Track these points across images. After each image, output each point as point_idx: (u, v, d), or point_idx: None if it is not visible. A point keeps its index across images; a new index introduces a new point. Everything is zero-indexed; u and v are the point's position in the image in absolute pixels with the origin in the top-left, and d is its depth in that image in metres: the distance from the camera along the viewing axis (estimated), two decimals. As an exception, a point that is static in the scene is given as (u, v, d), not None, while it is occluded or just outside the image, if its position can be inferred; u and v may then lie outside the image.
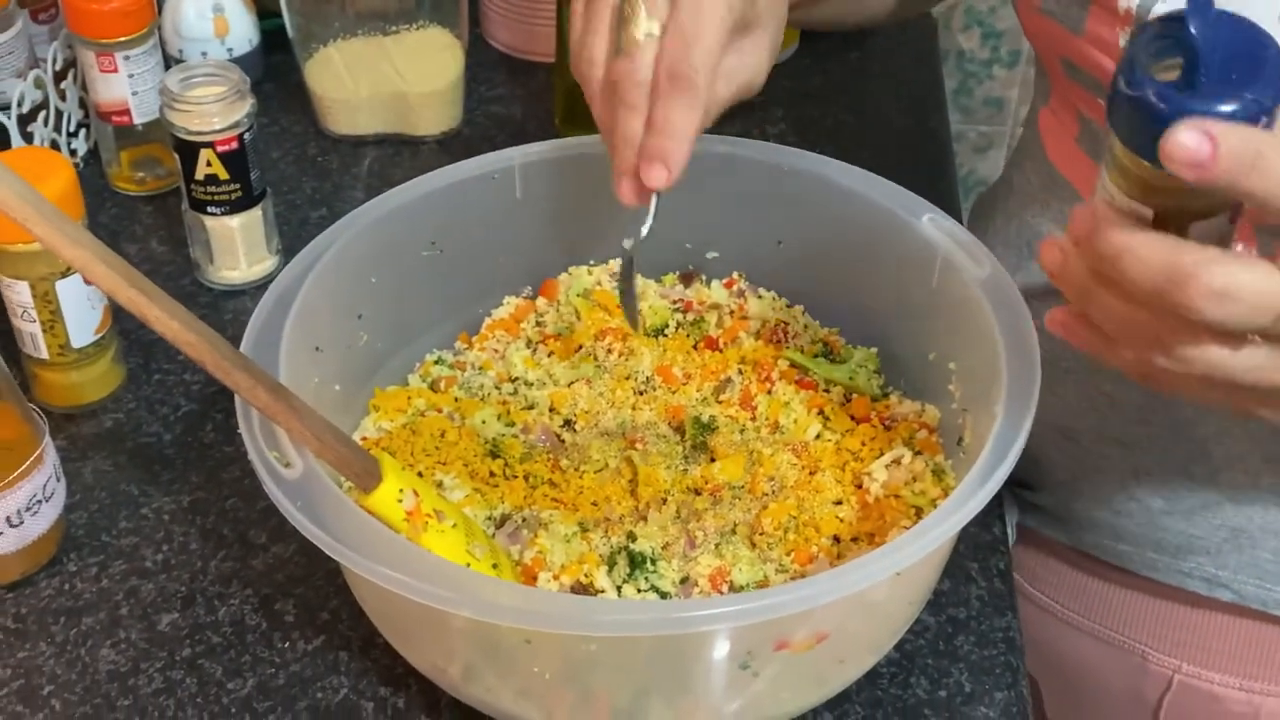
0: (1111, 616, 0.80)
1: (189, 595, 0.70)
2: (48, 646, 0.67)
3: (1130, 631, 0.79)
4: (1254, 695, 0.75)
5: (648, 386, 0.74)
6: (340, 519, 0.56)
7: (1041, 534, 0.83)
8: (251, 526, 0.73)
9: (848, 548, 0.66)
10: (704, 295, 0.79)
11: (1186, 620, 0.76)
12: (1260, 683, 0.74)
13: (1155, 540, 0.74)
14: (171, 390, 0.81)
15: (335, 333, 0.70)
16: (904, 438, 0.70)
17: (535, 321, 0.78)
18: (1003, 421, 0.59)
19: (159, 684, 0.66)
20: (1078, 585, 0.81)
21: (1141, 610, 0.78)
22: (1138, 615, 0.78)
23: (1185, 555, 0.73)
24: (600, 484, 0.68)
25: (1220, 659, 0.75)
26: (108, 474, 0.76)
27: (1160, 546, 0.74)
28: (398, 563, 0.53)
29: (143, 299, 0.52)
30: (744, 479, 0.69)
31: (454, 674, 0.61)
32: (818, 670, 0.61)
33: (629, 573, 0.63)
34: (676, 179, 0.56)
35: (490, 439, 0.70)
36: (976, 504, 0.56)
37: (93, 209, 0.91)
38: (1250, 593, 0.72)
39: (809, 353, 0.76)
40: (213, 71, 0.84)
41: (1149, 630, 0.78)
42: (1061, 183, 0.73)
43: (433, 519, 0.60)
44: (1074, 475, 0.77)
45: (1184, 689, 0.77)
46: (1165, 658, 0.77)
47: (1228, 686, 0.75)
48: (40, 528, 0.69)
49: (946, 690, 0.66)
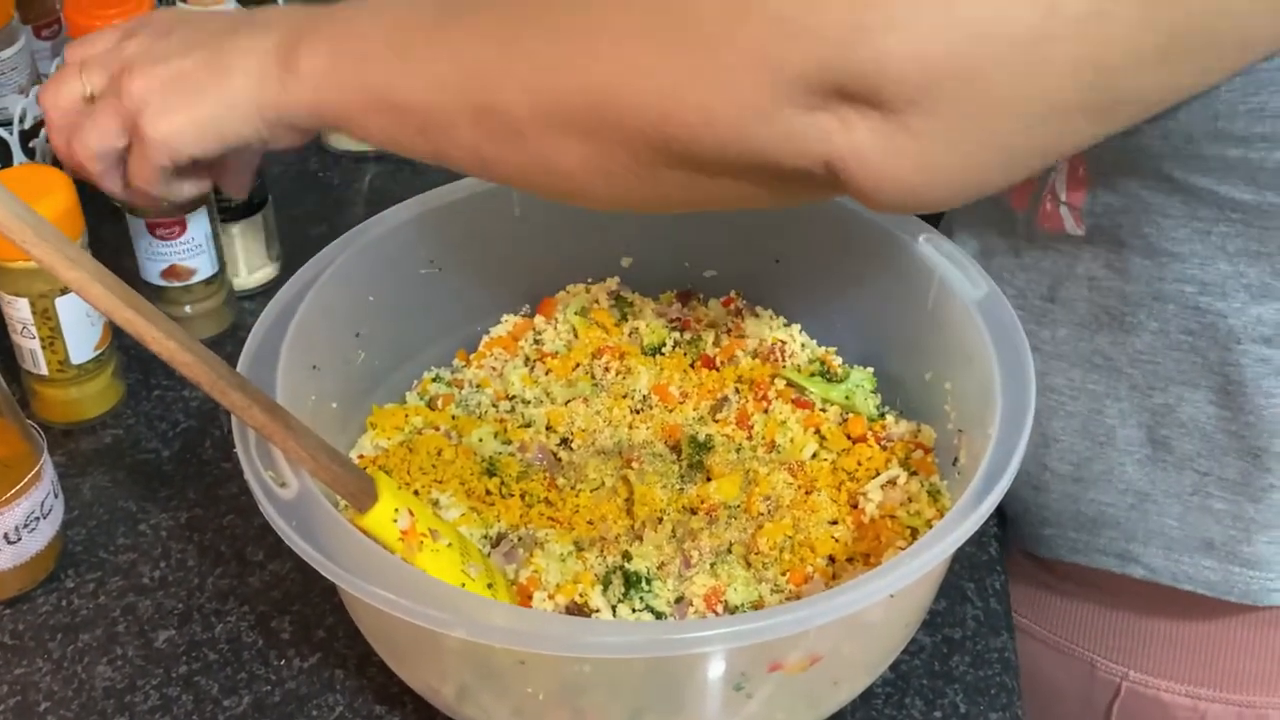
0: (1060, 624, 0.80)
1: (186, 612, 0.70)
2: (45, 663, 0.68)
3: (1078, 638, 0.79)
4: (1199, 701, 0.75)
5: (644, 405, 0.74)
6: (336, 539, 0.56)
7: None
8: (249, 544, 0.73)
9: (843, 568, 0.66)
10: (701, 314, 0.79)
11: (1132, 627, 0.76)
12: (1205, 689, 0.75)
13: (1073, 515, 0.74)
14: (170, 407, 0.81)
15: (333, 350, 0.70)
16: (900, 458, 0.70)
17: (533, 340, 0.78)
18: (997, 442, 0.59)
19: (155, 701, 0.66)
20: (1028, 595, 0.82)
21: (1088, 616, 0.78)
22: (1085, 621, 0.79)
23: (1098, 529, 0.73)
24: (596, 503, 0.68)
25: (1165, 665, 0.75)
26: (106, 490, 0.76)
27: (1078, 523, 0.74)
28: (392, 583, 0.53)
29: (139, 319, 0.52)
30: (740, 498, 0.69)
31: (448, 694, 0.61)
32: (812, 691, 0.61)
33: (624, 592, 0.63)
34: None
35: (487, 457, 0.71)
36: (971, 525, 0.56)
37: (94, 225, 0.91)
38: (1159, 565, 0.71)
39: (806, 372, 0.76)
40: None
41: (1096, 638, 0.78)
42: None
43: (428, 538, 0.60)
44: None
45: (1132, 695, 0.77)
46: (1112, 664, 0.78)
47: (1174, 693, 0.76)
48: (38, 544, 0.69)
49: (942, 711, 0.66)
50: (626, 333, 0.78)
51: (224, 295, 0.85)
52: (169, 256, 0.81)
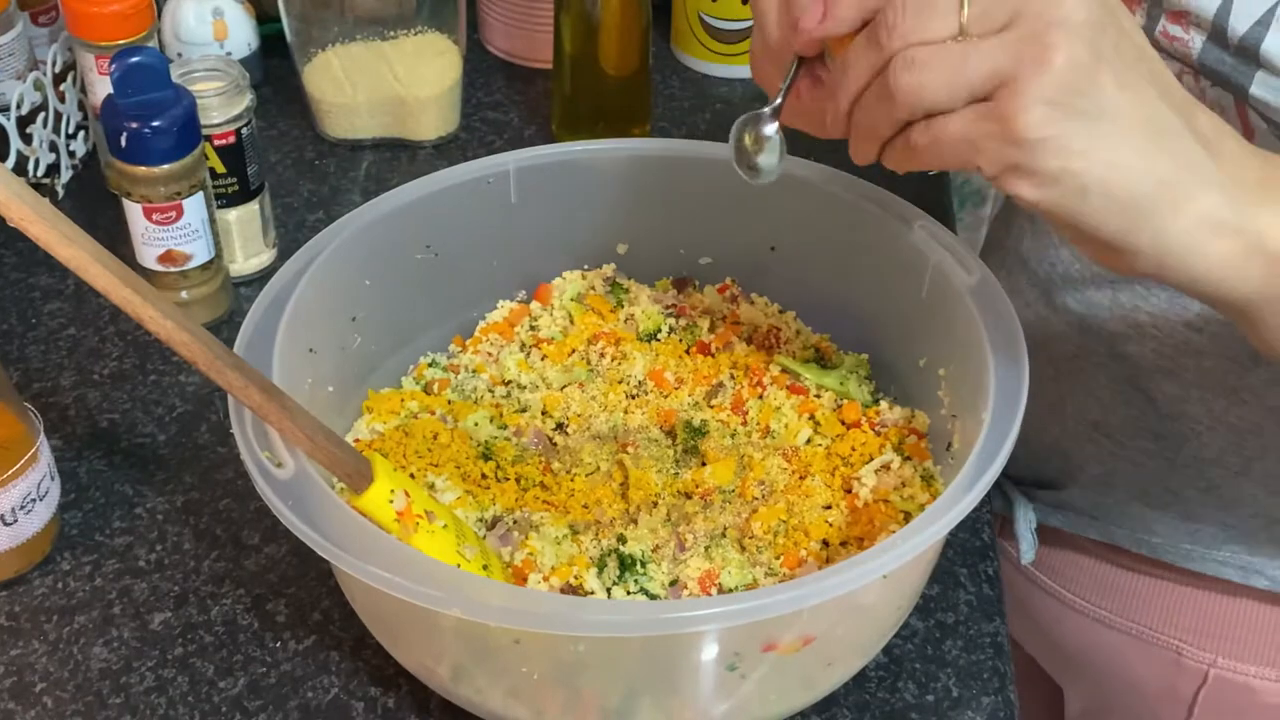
0: (1145, 612, 0.79)
1: (181, 594, 0.70)
2: (40, 644, 0.68)
3: (1164, 627, 0.78)
4: None
5: (640, 391, 0.74)
6: (331, 519, 0.56)
7: (1067, 533, 0.83)
8: (244, 527, 0.74)
9: (836, 552, 0.66)
10: (697, 300, 0.79)
11: (1221, 613, 0.76)
12: None
13: (1190, 531, 0.74)
14: (166, 391, 0.82)
15: (329, 334, 0.70)
16: (893, 443, 0.71)
17: (529, 325, 0.78)
18: (990, 427, 0.59)
19: (151, 682, 0.66)
20: (1108, 581, 0.81)
21: (1176, 604, 0.78)
22: (1172, 609, 0.78)
23: (1220, 544, 0.73)
24: (591, 487, 0.69)
25: (1256, 651, 0.75)
26: (102, 473, 0.77)
27: (1195, 536, 0.74)
28: (388, 563, 0.54)
29: (137, 299, 0.52)
30: (734, 483, 0.69)
31: (444, 674, 0.61)
32: (805, 672, 0.61)
33: (619, 575, 0.64)
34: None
35: (482, 441, 0.71)
36: (964, 507, 0.56)
37: (90, 211, 0.92)
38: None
39: (801, 358, 0.76)
40: (212, 66, 0.85)
41: (1183, 624, 0.77)
42: None
43: (424, 520, 0.60)
44: (1108, 470, 0.77)
45: (1219, 682, 0.77)
46: (1200, 652, 0.77)
47: (1264, 679, 0.75)
48: (34, 526, 0.70)
49: (934, 695, 0.66)
50: (622, 319, 0.78)
51: (220, 281, 0.86)
52: (165, 241, 0.82)
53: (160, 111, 0.78)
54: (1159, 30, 0.61)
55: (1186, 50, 0.60)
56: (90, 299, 0.87)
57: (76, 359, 0.84)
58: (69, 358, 0.84)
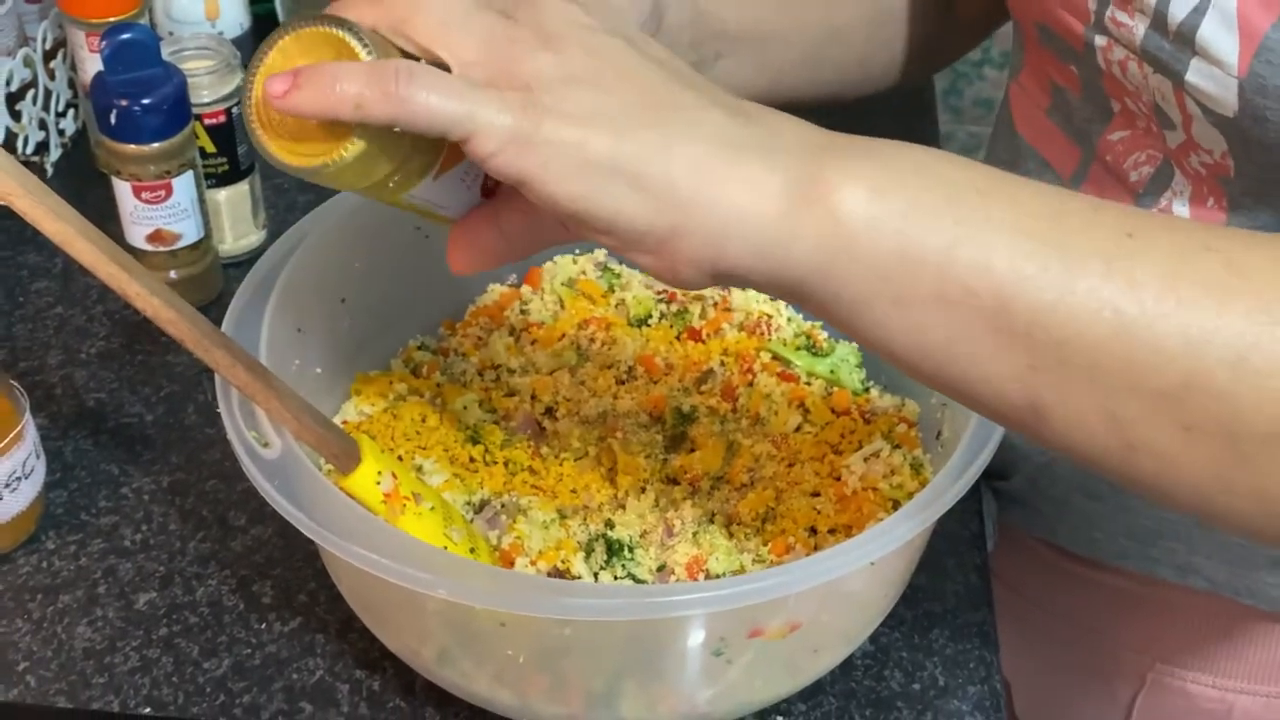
0: (1087, 615, 0.80)
1: (167, 575, 0.70)
2: (24, 623, 0.67)
3: (1105, 630, 0.79)
4: (1226, 693, 0.75)
5: (629, 376, 0.74)
6: (318, 500, 0.56)
7: (1019, 533, 0.83)
8: (231, 508, 0.73)
9: (824, 539, 0.66)
10: (688, 286, 0.79)
11: (1160, 618, 0.76)
12: (1232, 680, 0.75)
13: (1127, 525, 0.74)
14: (154, 371, 0.81)
15: (318, 316, 0.70)
16: (883, 431, 0.70)
17: (519, 309, 0.78)
18: (980, 417, 0.59)
19: (135, 662, 0.66)
20: (1054, 585, 0.82)
21: (1115, 608, 0.78)
22: (1111, 613, 0.79)
23: (1156, 540, 0.73)
24: (580, 471, 0.68)
25: (1192, 657, 0.75)
26: (88, 453, 0.76)
27: (1132, 532, 0.74)
28: (374, 543, 0.54)
29: (123, 275, 0.52)
30: (723, 469, 0.69)
31: (429, 657, 0.61)
32: (792, 659, 0.61)
33: (606, 560, 0.64)
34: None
35: (471, 425, 0.71)
36: (952, 496, 0.56)
37: (79, 189, 0.91)
38: (1222, 579, 0.72)
39: (791, 346, 0.76)
40: (203, 45, 0.85)
41: (1123, 629, 0.78)
42: (1030, 154, 0.73)
43: (411, 502, 0.60)
44: (1049, 459, 0.77)
45: (1157, 687, 0.77)
46: (1139, 656, 0.77)
47: (1200, 684, 0.76)
48: (19, 505, 0.69)
49: (920, 683, 0.66)
50: (613, 304, 0.78)
51: (209, 261, 0.85)
52: (154, 220, 0.81)
53: (151, 89, 0.78)
54: (1108, 17, 0.61)
55: (1131, 37, 0.60)
56: (78, 278, 0.87)
57: (63, 338, 0.83)
58: (56, 336, 0.83)
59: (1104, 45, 0.62)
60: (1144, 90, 0.62)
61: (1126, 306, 0.44)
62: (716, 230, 0.46)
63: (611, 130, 0.45)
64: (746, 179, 0.46)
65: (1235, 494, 0.45)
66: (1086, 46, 0.64)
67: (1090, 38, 0.63)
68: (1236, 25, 0.55)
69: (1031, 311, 0.44)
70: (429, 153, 0.50)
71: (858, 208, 0.45)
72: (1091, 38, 0.63)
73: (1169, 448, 0.44)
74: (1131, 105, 0.64)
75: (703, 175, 0.46)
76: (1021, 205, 0.46)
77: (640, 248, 0.47)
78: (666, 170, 0.45)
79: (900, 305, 0.45)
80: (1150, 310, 0.43)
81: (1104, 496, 0.74)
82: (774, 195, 0.45)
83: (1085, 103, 0.67)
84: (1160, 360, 0.43)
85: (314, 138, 0.47)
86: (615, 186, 0.45)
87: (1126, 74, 0.62)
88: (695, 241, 0.46)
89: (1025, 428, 0.47)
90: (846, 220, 0.45)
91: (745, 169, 0.46)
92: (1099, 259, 0.44)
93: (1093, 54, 0.64)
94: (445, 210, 0.54)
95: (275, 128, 0.48)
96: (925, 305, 0.45)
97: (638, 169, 0.45)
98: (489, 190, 0.54)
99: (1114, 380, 0.44)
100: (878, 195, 0.45)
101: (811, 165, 0.46)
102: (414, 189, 0.51)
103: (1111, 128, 0.66)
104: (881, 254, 0.45)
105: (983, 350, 0.45)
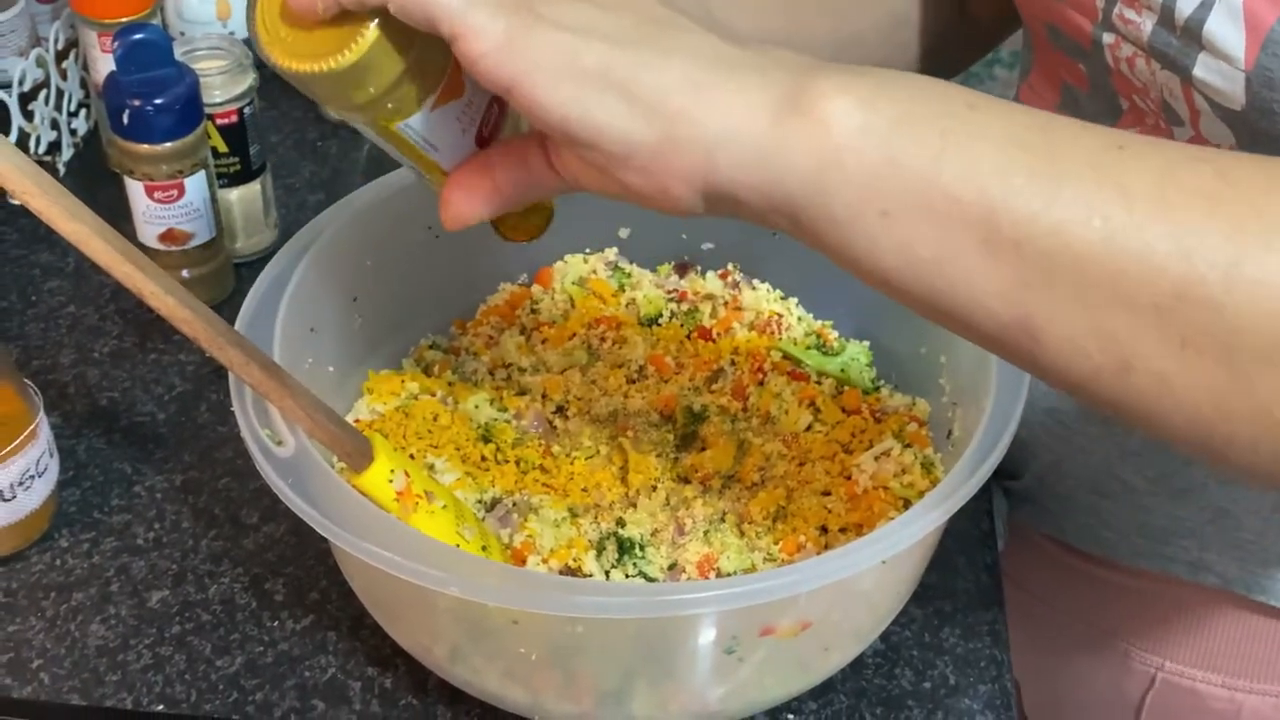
0: (1096, 614, 0.80)
1: (179, 573, 0.70)
2: (38, 621, 0.68)
3: (1114, 629, 0.79)
4: (1236, 693, 0.75)
5: (640, 375, 0.74)
6: (331, 497, 0.56)
7: (1029, 531, 0.83)
8: (243, 506, 0.73)
9: (835, 538, 0.66)
10: (699, 286, 0.79)
11: (1170, 617, 0.76)
12: (1243, 680, 0.75)
13: (1139, 523, 0.74)
14: (166, 370, 0.82)
15: (330, 315, 0.70)
16: (894, 430, 0.71)
17: (530, 308, 0.78)
18: (991, 415, 0.59)
19: (148, 660, 0.66)
20: (1064, 583, 0.82)
21: (1126, 605, 0.78)
22: (1122, 611, 0.78)
23: (1169, 538, 0.73)
24: (591, 470, 0.69)
25: (1203, 656, 0.75)
26: (101, 451, 0.77)
27: (1144, 530, 0.74)
28: (387, 541, 0.54)
29: (139, 274, 0.52)
30: (733, 468, 0.69)
31: (441, 654, 0.61)
32: (803, 657, 0.61)
33: (617, 558, 0.64)
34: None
35: (482, 424, 0.71)
36: (964, 494, 0.56)
37: (91, 189, 0.91)
38: (1234, 575, 0.72)
39: (802, 345, 0.76)
40: (215, 45, 0.85)
41: (1133, 628, 0.78)
42: None
43: (423, 500, 0.60)
44: (1059, 457, 0.77)
45: (1167, 686, 0.77)
46: (1148, 655, 0.77)
47: (1210, 684, 0.75)
48: (33, 503, 0.69)
49: (931, 682, 0.66)
50: (624, 303, 0.78)
51: (221, 261, 0.85)
52: (167, 220, 0.81)
53: (163, 89, 0.78)
54: (1115, 14, 0.61)
55: (1139, 33, 0.60)
56: (91, 277, 0.87)
57: (76, 337, 0.84)
58: (69, 335, 0.84)
59: (1112, 43, 0.63)
60: (1152, 87, 0.62)
61: (1115, 213, 0.43)
62: (708, 142, 0.45)
63: (605, 41, 0.46)
64: (738, 91, 0.46)
65: (1234, 419, 0.44)
66: (1094, 44, 0.64)
67: (1098, 35, 0.63)
68: (1243, 19, 0.55)
69: (1018, 222, 0.44)
70: (429, 75, 0.51)
71: (847, 117, 0.45)
72: (1099, 35, 0.63)
73: (1165, 366, 0.43)
74: (1140, 102, 0.64)
75: (694, 88, 0.45)
76: (1011, 118, 0.45)
77: (629, 164, 0.47)
78: (659, 82, 0.45)
79: (888, 218, 0.45)
80: (1139, 216, 0.43)
81: (1115, 494, 0.74)
82: (765, 106, 0.45)
83: (1094, 101, 0.67)
84: (1150, 270, 0.43)
85: (316, 46, 0.48)
86: (606, 96, 0.45)
87: (1135, 71, 0.62)
88: (685, 155, 0.46)
89: (1020, 353, 0.46)
90: (835, 129, 0.45)
91: (737, 82, 0.46)
92: (1089, 167, 0.44)
93: (1101, 52, 0.64)
94: (438, 155, 0.54)
95: (280, 38, 0.49)
96: (913, 217, 0.45)
97: (629, 79, 0.45)
98: (483, 140, 0.55)
99: (1105, 293, 0.43)
100: (867, 105, 0.45)
101: (803, 78, 0.46)
102: (410, 118, 0.52)
103: (1120, 125, 0.66)
104: (869, 163, 0.45)
105: (972, 266, 0.45)
